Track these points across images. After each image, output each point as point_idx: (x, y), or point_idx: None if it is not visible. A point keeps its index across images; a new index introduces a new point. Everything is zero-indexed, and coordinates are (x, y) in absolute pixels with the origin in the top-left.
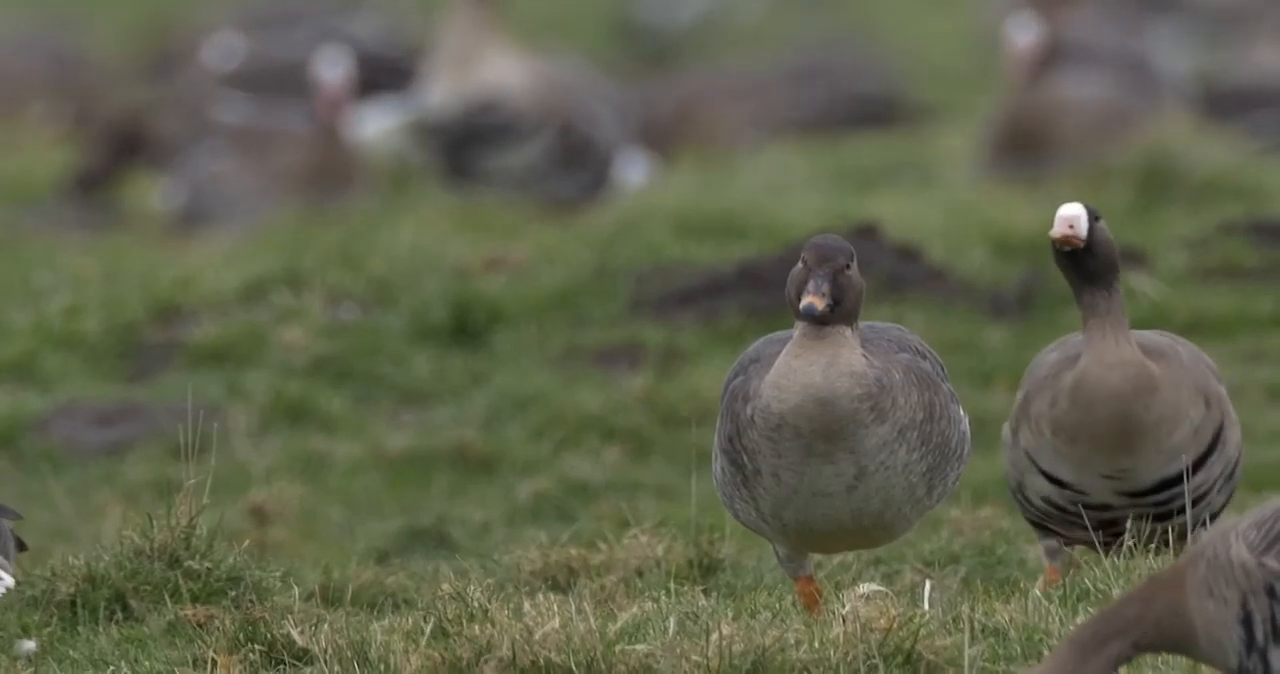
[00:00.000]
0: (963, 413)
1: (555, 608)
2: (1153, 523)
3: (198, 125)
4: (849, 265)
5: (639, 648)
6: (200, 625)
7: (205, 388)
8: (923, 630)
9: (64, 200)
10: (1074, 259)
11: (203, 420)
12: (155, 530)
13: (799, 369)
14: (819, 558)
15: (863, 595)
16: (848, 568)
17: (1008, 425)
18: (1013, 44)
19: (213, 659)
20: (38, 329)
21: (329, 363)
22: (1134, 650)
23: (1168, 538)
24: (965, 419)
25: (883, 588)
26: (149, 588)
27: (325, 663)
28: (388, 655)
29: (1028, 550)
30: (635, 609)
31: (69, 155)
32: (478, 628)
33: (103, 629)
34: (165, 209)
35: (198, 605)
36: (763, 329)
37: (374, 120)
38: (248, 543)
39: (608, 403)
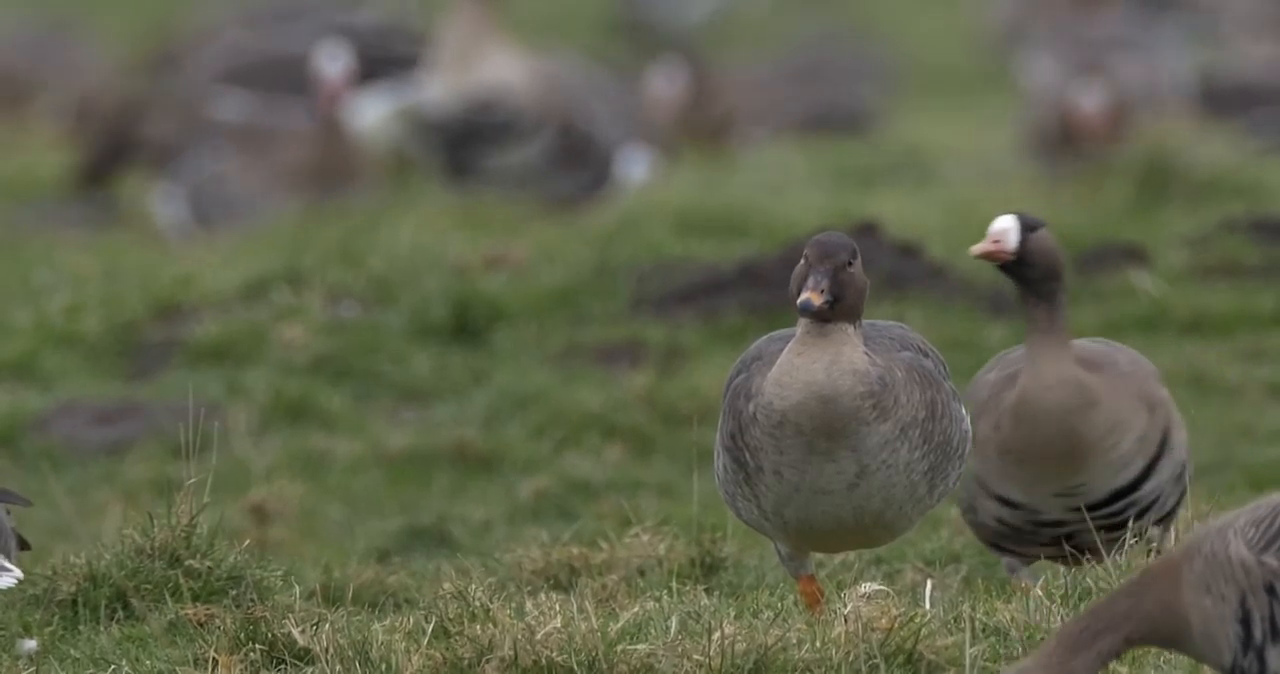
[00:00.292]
0: (964, 411)
1: (557, 607)
2: (1106, 533)
3: (195, 125)
4: (851, 263)
5: (641, 647)
6: (201, 624)
7: (205, 386)
8: (924, 630)
9: (65, 196)
10: (1014, 271)
11: (203, 419)
12: (156, 529)
13: (801, 367)
14: (820, 557)
15: (864, 595)
16: (849, 567)
17: None
18: (1078, 107)
19: (214, 658)
20: (38, 328)
21: (329, 361)
22: (1125, 645)
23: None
24: (967, 417)
25: (884, 587)
26: (150, 587)
27: (326, 662)
28: (389, 655)
29: None
30: (637, 608)
31: (69, 154)
32: (479, 627)
33: (104, 628)
34: (163, 216)
35: (199, 604)
36: (764, 327)
37: (370, 108)
38: (248, 542)
39: (609, 401)
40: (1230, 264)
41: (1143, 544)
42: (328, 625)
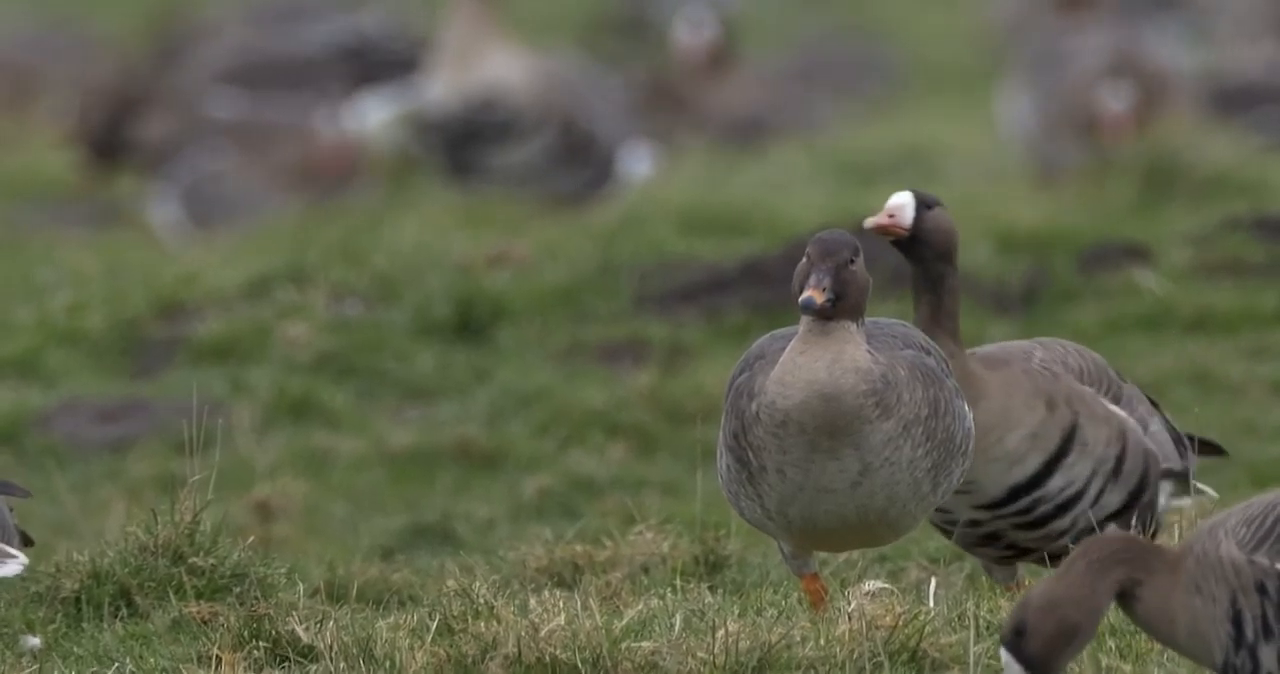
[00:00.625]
0: (967, 409)
1: (561, 605)
2: (1028, 531)
3: (193, 123)
4: (853, 260)
5: (644, 645)
6: (205, 622)
7: (209, 384)
8: (928, 628)
9: (68, 194)
10: (908, 248)
11: (206, 416)
12: (159, 527)
13: (804, 365)
14: (824, 556)
15: (868, 593)
16: (853, 565)
17: None
18: (1108, 109)
19: (217, 656)
20: (41, 325)
21: (333, 359)
22: (1130, 585)
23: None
24: (970, 415)
25: (888, 585)
26: (153, 584)
27: (330, 660)
28: (393, 652)
29: None
30: (641, 606)
31: (71, 151)
32: (483, 625)
33: (107, 626)
34: (158, 217)
35: (202, 602)
36: (767, 325)
37: (373, 111)
38: (252, 539)
39: (612, 399)
40: (1233, 262)
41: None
42: (331, 623)
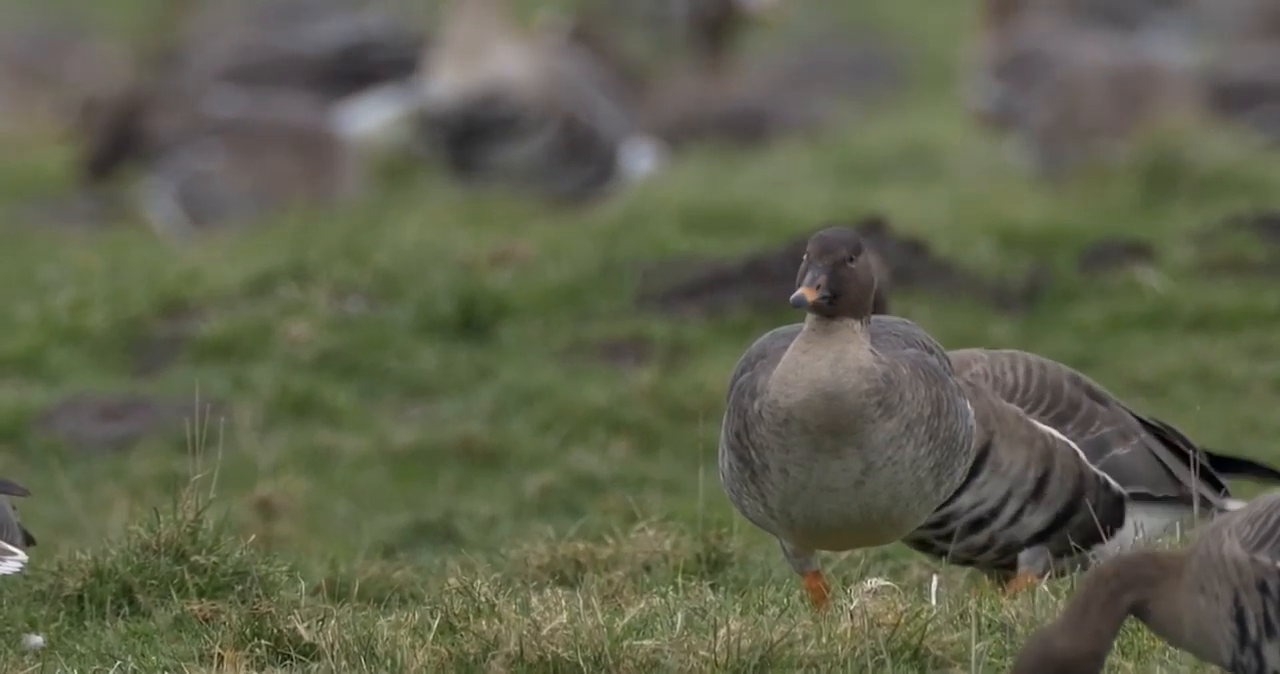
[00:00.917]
0: (970, 407)
1: (563, 603)
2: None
3: (195, 121)
4: (852, 258)
5: (646, 643)
6: (207, 620)
7: (211, 382)
8: (930, 626)
9: (71, 192)
10: None
11: (209, 415)
12: (161, 525)
13: (806, 364)
14: (826, 554)
15: (870, 591)
16: (855, 563)
17: None
18: None
19: (219, 654)
20: (43, 323)
21: (335, 357)
22: (1139, 608)
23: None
24: (972, 414)
25: (890, 583)
26: (155, 582)
27: (332, 658)
28: (394, 650)
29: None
30: (643, 604)
31: (75, 150)
32: (485, 623)
33: (109, 624)
34: (154, 212)
35: (204, 600)
36: (769, 323)
37: (375, 111)
38: (254, 537)
39: (614, 397)
40: (1236, 260)
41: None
42: (333, 621)
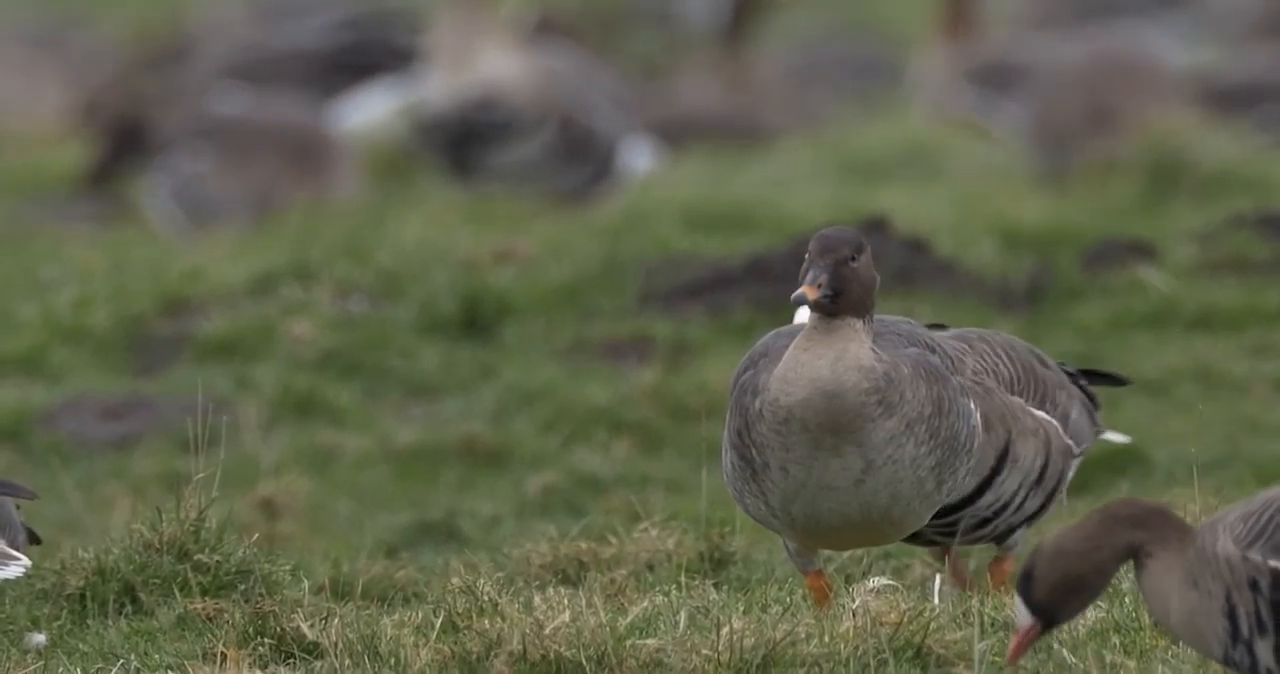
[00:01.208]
0: (973, 407)
1: (565, 602)
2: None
3: (189, 120)
4: (854, 257)
5: (649, 642)
6: (210, 619)
7: (214, 381)
8: (933, 625)
9: (73, 191)
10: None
11: (211, 414)
12: (164, 524)
13: (807, 362)
14: (828, 552)
15: (873, 590)
16: (858, 562)
17: None
18: None
19: (222, 653)
20: (46, 322)
21: (337, 356)
22: (1140, 551)
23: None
24: (975, 413)
25: (893, 582)
26: (158, 581)
27: (335, 656)
28: (398, 649)
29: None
30: (646, 603)
31: (77, 149)
32: (488, 622)
33: (112, 622)
34: (153, 209)
35: (207, 599)
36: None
37: (372, 105)
38: (257, 536)
39: (617, 396)
40: (1238, 259)
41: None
42: (336, 620)
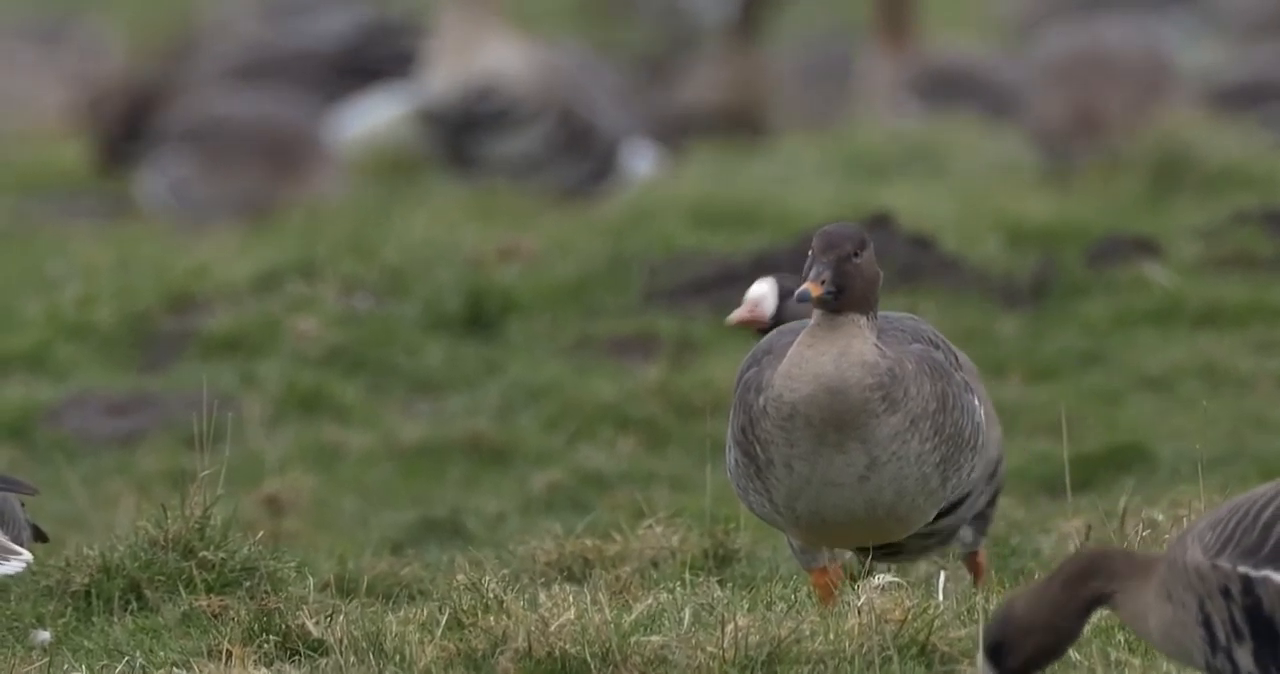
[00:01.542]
0: (977, 403)
1: (570, 599)
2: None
3: (181, 119)
4: (857, 253)
5: (654, 639)
6: (215, 616)
7: (218, 378)
8: (937, 622)
9: (78, 186)
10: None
11: (216, 410)
12: (169, 521)
13: (811, 359)
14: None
15: (878, 587)
16: (862, 559)
17: None
18: None
19: (227, 650)
20: (50, 319)
21: (343, 353)
22: (1104, 597)
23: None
24: (979, 409)
25: (897, 579)
26: (163, 578)
27: (340, 654)
28: (403, 646)
29: (1041, 541)
30: (650, 600)
31: (81, 146)
32: (493, 619)
33: (117, 619)
34: (150, 209)
35: (212, 596)
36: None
37: (378, 108)
38: (262, 533)
39: (622, 393)
40: (1243, 256)
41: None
42: (341, 617)
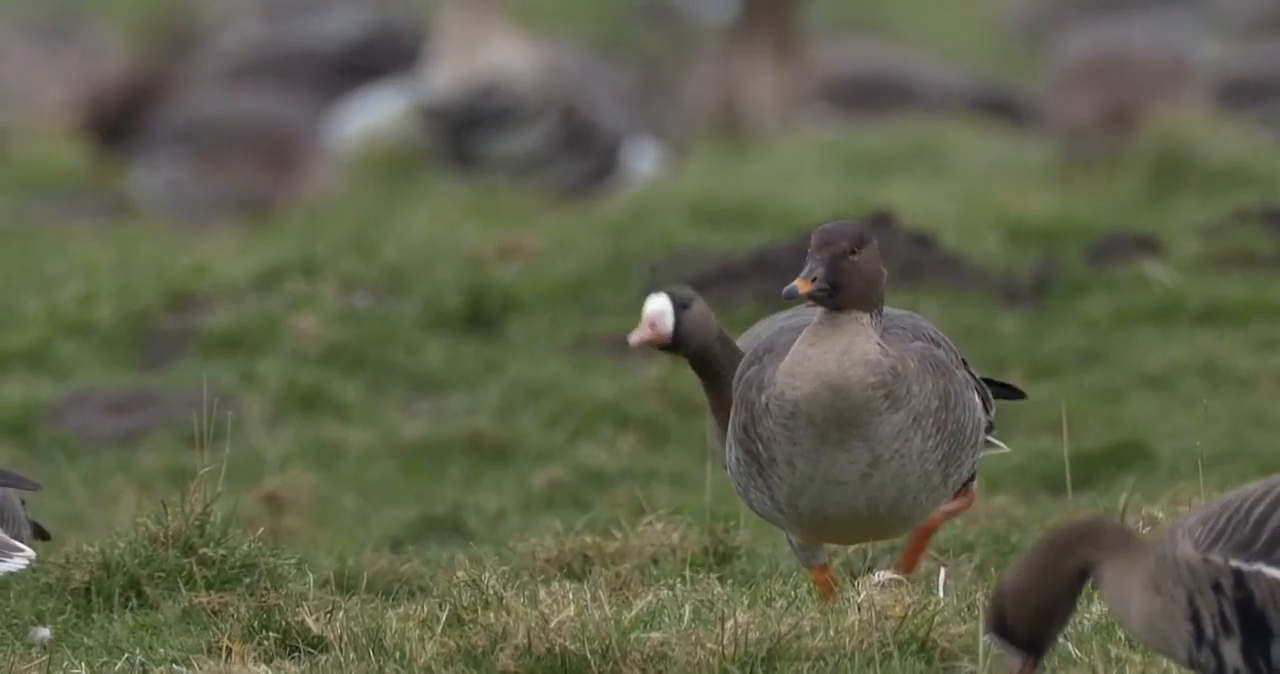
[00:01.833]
0: (978, 400)
1: (570, 596)
2: None
3: (173, 118)
4: (854, 251)
5: (654, 636)
6: (215, 613)
7: (219, 376)
8: (937, 618)
9: (78, 185)
10: (673, 350)
11: (216, 408)
12: (170, 518)
13: (813, 357)
14: (833, 547)
15: (878, 583)
16: (863, 556)
17: None
18: None
19: (227, 647)
20: (51, 317)
21: (343, 351)
22: (1090, 565)
23: None
24: (980, 406)
25: (898, 576)
26: (163, 575)
27: (340, 650)
28: (403, 643)
29: None
30: (650, 597)
31: (83, 144)
32: (493, 616)
33: (117, 616)
34: (143, 203)
35: (212, 593)
36: None
37: (379, 105)
38: (262, 530)
39: (622, 391)
40: (1243, 254)
41: None
42: (341, 613)
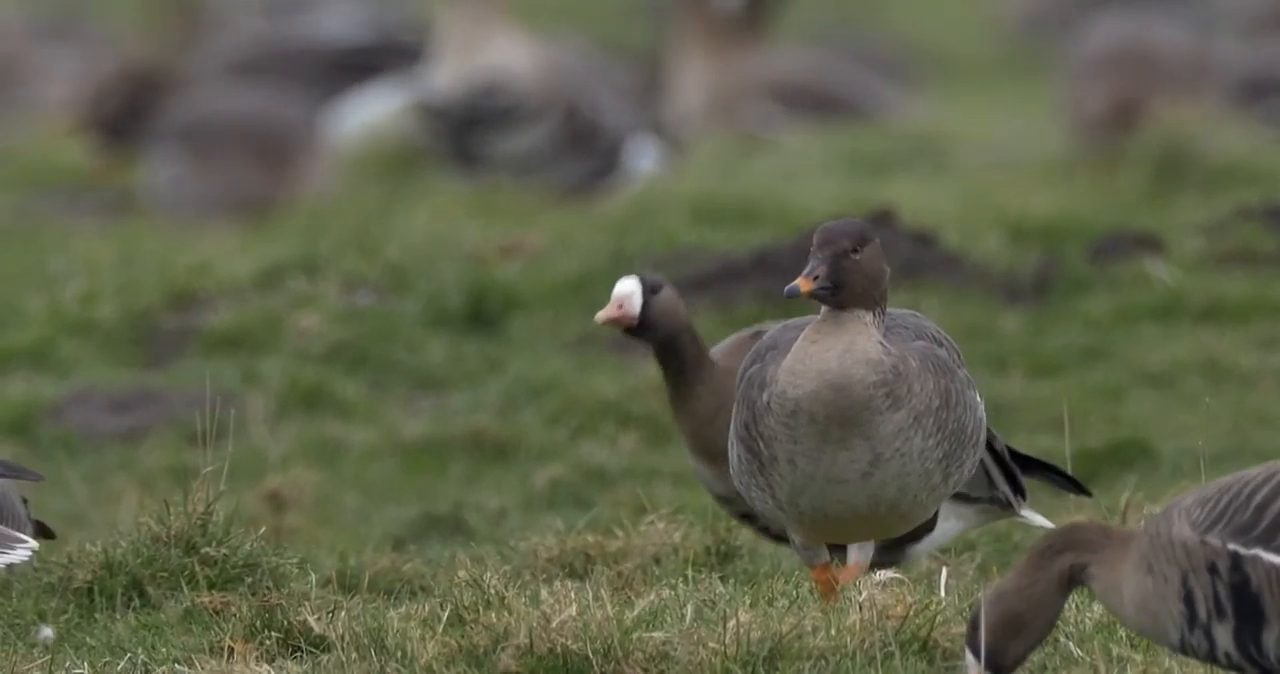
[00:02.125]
0: (979, 399)
1: (572, 595)
2: None
3: (172, 116)
4: (856, 249)
5: (656, 635)
6: (217, 612)
7: (221, 374)
8: (939, 617)
9: (81, 183)
10: (638, 334)
11: (219, 407)
12: (172, 517)
13: (815, 355)
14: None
15: (879, 583)
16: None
17: None
18: None
19: (229, 646)
20: (53, 315)
21: (345, 349)
22: (1080, 570)
23: None
24: (981, 405)
25: (899, 575)
26: (166, 575)
27: (342, 650)
28: (404, 642)
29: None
30: (652, 596)
31: (84, 142)
32: (494, 615)
33: (119, 616)
34: (145, 201)
35: (214, 592)
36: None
37: (380, 103)
38: (264, 530)
39: (624, 389)
40: (1245, 252)
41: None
42: (343, 613)
